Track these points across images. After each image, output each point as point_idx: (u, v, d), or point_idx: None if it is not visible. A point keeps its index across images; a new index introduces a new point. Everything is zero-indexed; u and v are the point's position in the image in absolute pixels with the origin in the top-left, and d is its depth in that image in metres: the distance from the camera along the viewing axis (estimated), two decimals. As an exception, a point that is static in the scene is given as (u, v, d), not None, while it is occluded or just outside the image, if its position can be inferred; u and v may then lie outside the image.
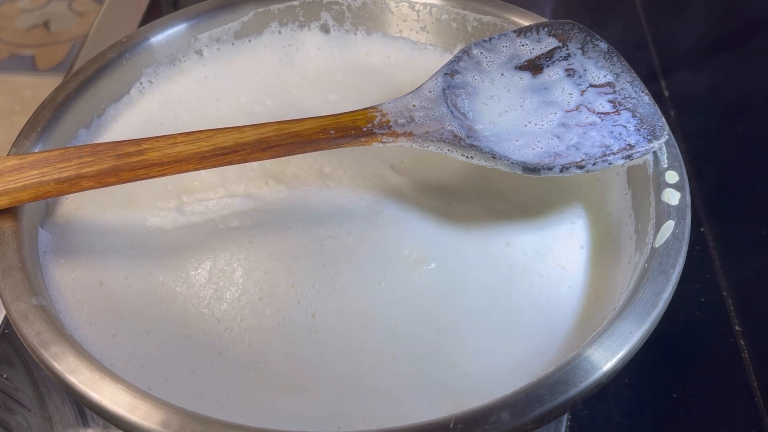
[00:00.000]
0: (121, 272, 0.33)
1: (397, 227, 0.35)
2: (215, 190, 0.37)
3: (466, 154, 0.33)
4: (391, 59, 0.45)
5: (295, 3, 0.45)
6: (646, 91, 0.36)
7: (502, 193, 0.37)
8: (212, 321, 0.32)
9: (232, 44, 0.44)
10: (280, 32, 0.45)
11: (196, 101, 0.42)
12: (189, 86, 0.43)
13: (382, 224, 0.35)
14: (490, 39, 0.38)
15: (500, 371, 0.30)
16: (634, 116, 0.34)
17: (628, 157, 0.33)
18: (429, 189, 0.37)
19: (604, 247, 0.35)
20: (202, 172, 0.37)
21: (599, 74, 0.36)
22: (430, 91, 0.35)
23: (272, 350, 0.31)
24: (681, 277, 0.30)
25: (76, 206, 0.36)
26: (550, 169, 0.32)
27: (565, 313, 0.33)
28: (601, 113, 0.35)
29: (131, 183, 0.36)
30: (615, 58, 0.37)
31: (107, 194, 0.36)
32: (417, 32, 0.46)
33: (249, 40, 0.45)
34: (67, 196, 0.36)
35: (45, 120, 0.36)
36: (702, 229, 0.49)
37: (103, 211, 0.36)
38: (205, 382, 0.30)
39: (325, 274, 0.33)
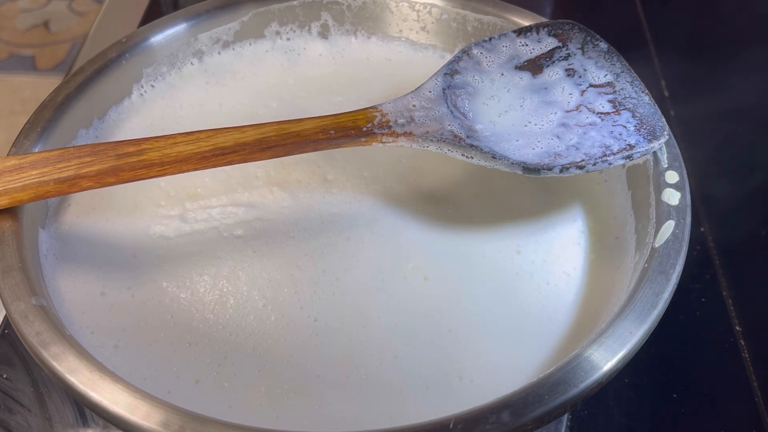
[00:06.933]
0: (124, 282, 0.33)
1: (396, 235, 0.35)
2: (219, 197, 0.37)
3: (466, 154, 0.33)
4: (392, 61, 0.45)
5: (294, 3, 0.45)
6: (646, 91, 0.36)
7: (506, 200, 0.37)
8: (217, 327, 0.32)
9: (233, 49, 0.44)
10: (281, 36, 0.45)
11: (198, 107, 0.42)
12: (191, 92, 0.43)
13: (381, 231, 0.35)
14: (490, 39, 0.38)
15: (509, 379, 0.30)
16: (634, 116, 0.34)
17: (628, 157, 0.33)
18: (431, 197, 0.37)
19: (609, 254, 0.35)
20: (207, 178, 0.37)
21: (599, 74, 0.36)
22: (430, 91, 0.35)
23: (276, 354, 0.31)
24: (681, 277, 0.30)
25: (78, 214, 0.36)
26: (550, 169, 0.32)
27: (572, 320, 0.32)
28: (601, 113, 0.35)
29: (133, 190, 0.36)
30: (615, 58, 0.37)
31: (109, 202, 0.36)
32: (417, 32, 0.46)
33: (250, 44, 0.45)
34: (69, 204, 0.36)
35: (45, 120, 0.36)
36: (702, 229, 0.49)
37: (105, 219, 0.36)
38: (207, 392, 0.30)
39: (326, 281, 0.33)
